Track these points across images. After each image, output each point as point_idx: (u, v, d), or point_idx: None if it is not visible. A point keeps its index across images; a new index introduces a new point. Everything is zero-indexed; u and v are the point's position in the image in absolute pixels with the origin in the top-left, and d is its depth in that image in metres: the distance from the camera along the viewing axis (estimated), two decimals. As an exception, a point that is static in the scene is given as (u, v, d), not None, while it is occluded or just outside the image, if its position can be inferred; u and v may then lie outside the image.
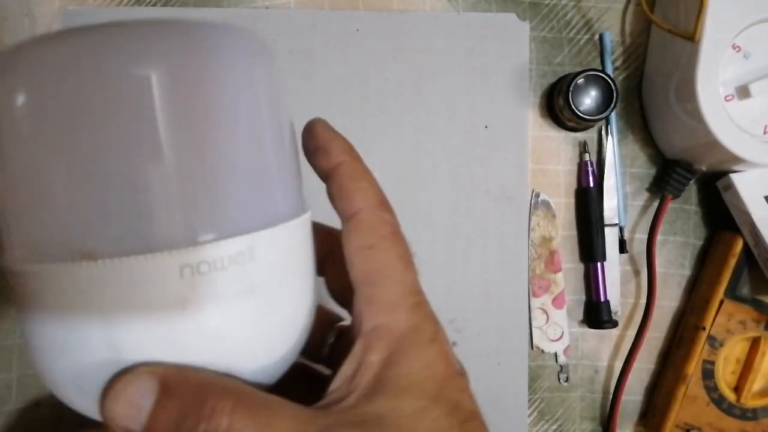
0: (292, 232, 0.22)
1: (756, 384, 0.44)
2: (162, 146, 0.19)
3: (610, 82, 0.44)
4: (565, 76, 0.46)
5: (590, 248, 0.46)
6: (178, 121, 0.19)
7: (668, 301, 0.48)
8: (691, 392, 0.44)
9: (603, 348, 0.48)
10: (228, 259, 0.20)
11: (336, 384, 0.21)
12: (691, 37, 0.39)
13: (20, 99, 0.19)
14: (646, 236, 0.46)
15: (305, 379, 0.27)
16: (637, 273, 0.48)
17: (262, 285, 0.21)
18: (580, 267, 0.48)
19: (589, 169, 0.47)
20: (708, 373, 0.44)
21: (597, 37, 0.48)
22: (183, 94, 0.19)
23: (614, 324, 0.46)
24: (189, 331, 0.19)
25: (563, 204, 0.47)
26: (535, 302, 0.47)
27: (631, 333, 0.46)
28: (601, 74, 0.44)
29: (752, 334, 0.44)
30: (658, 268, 0.46)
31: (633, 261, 0.48)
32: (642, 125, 0.48)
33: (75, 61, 0.18)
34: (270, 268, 0.21)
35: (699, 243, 0.48)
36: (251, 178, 0.21)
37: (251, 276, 0.20)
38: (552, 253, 0.47)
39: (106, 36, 0.19)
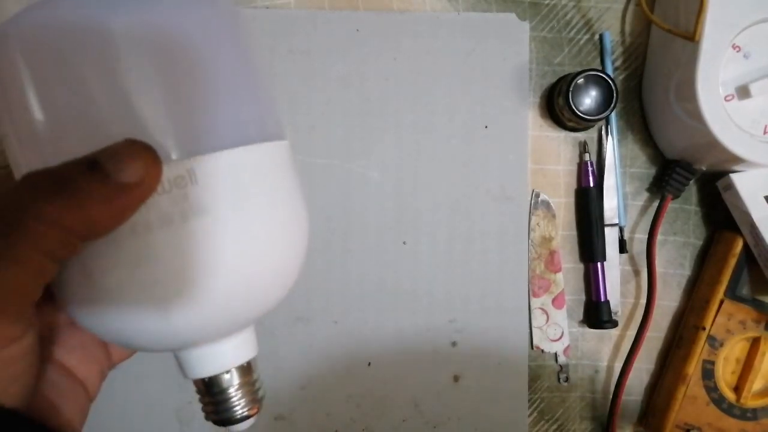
0: (246, 157, 0.23)
1: (756, 384, 0.44)
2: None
3: (610, 82, 0.44)
4: (565, 76, 0.46)
5: (590, 248, 0.46)
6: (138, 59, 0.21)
7: (668, 301, 0.48)
8: (691, 392, 0.44)
9: (603, 348, 0.48)
10: (168, 181, 0.21)
11: None
12: (691, 37, 0.39)
13: (21, 60, 0.21)
14: (646, 236, 0.46)
15: None
16: (637, 273, 0.48)
17: (211, 206, 0.21)
18: (580, 267, 0.48)
19: (589, 169, 0.47)
20: (708, 373, 0.44)
21: (597, 37, 0.48)
22: (146, 40, 0.21)
23: (614, 324, 0.46)
24: (144, 250, 0.21)
25: (563, 204, 0.47)
26: (535, 302, 0.47)
27: (631, 333, 0.46)
28: (601, 74, 0.44)
29: (752, 334, 0.44)
30: (658, 268, 0.46)
31: (633, 261, 0.48)
32: (642, 125, 0.48)
33: (65, 21, 0.21)
34: (216, 190, 0.22)
35: (699, 243, 0.48)
36: (194, 109, 0.22)
37: (196, 198, 0.21)
38: (552, 253, 0.47)
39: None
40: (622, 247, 0.47)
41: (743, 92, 0.40)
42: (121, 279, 0.21)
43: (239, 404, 0.25)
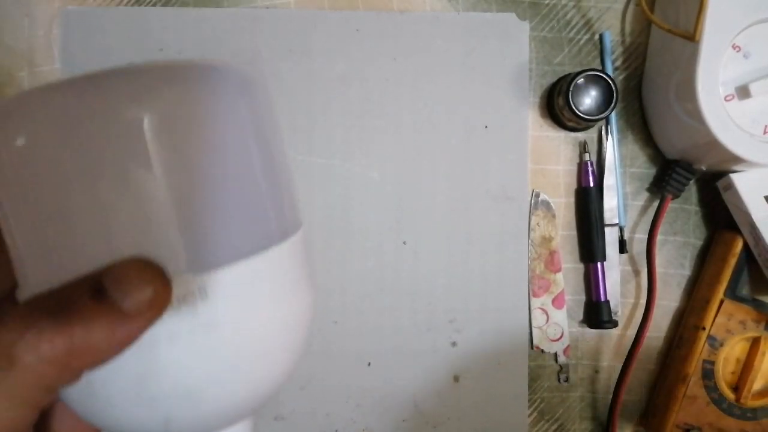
0: (259, 266, 0.22)
1: (756, 384, 0.44)
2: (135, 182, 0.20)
3: (610, 82, 0.44)
4: (565, 76, 0.46)
5: (590, 248, 0.46)
6: (145, 166, 0.20)
7: (668, 301, 0.48)
8: (691, 392, 0.44)
9: (603, 348, 0.48)
10: (177, 298, 0.20)
11: None
12: (691, 37, 0.39)
13: (23, 144, 0.20)
14: (646, 236, 0.46)
15: None
16: (637, 273, 0.48)
17: (221, 321, 0.21)
18: (580, 267, 0.48)
19: (589, 168, 0.47)
20: (708, 373, 0.44)
21: (597, 37, 0.48)
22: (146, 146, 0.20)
23: (614, 324, 0.46)
24: (149, 366, 0.20)
25: (563, 204, 0.47)
26: (535, 302, 0.47)
27: (631, 333, 0.46)
28: (601, 74, 0.44)
29: (752, 334, 0.44)
30: (658, 268, 0.46)
31: (633, 261, 0.48)
32: (642, 125, 0.48)
33: (73, 109, 0.20)
34: (226, 305, 0.21)
35: (699, 243, 0.48)
36: (207, 220, 0.21)
37: (205, 314, 0.20)
38: (552, 253, 0.47)
39: (100, 85, 0.20)
40: (622, 247, 0.47)
41: (743, 92, 0.40)
42: (123, 391, 0.20)
43: None
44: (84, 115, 0.20)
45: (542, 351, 0.47)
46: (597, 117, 0.44)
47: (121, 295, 0.18)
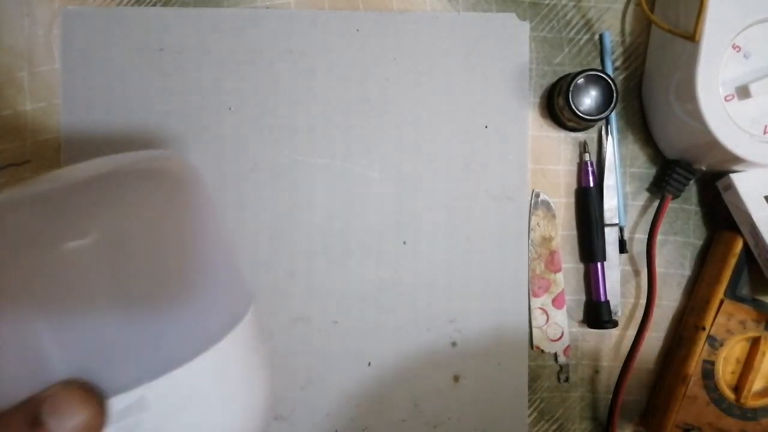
0: (202, 366, 0.22)
1: (756, 384, 0.44)
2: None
3: (610, 82, 0.44)
4: (565, 76, 0.46)
5: (590, 248, 0.46)
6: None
7: (668, 301, 0.48)
8: (691, 392, 0.44)
9: (603, 348, 0.48)
10: (118, 413, 0.20)
11: None
12: (691, 37, 0.39)
13: None
14: (646, 236, 0.46)
15: None
16: (637, 273, 0.48)
17: (165, 428, 0.21)
18: (580, 267, 0.48)
19: (589, 168, 0.47)
20: (708, 373, 0.44)
21: (597, 37, 0.48)
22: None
23: (614, 324, 0.46)
24: None
25: (563, 204, 0.47)
26: (535, 302, 0.47)
27: (631, 333, 0.46)
28: (601, 74, 0.44)
29: (752, 334, 0.44)
30: (658, 268, 0.46)
31: (633, 261, 0.48)
32: (642, 125, 0.48)
33: (15, 231, 0.20)
34: (169, 412, 0.21)
35: (699, 243, 0.48)
36: (146, 334, 0.21)
37: (148, 423, 0.20)
38: (552, 253, 0.47)
39: (45, 206, 0.20)
40: (622, 247, 0.47)
41: (743, 92, 0.40)
42: None
43: None
44: (29, 235, 0.20)
45: (542, 351, 0.47)
46: (597, 117, 0.44)
47: (55, 423, 0.19)
